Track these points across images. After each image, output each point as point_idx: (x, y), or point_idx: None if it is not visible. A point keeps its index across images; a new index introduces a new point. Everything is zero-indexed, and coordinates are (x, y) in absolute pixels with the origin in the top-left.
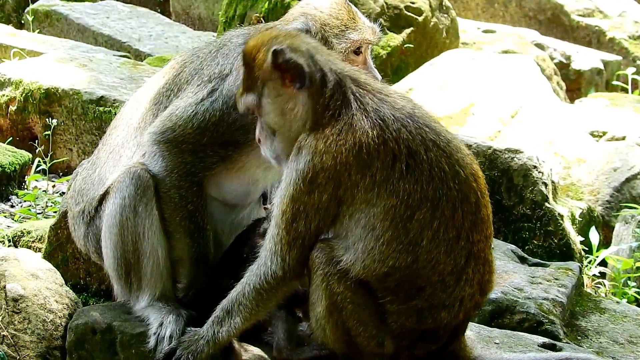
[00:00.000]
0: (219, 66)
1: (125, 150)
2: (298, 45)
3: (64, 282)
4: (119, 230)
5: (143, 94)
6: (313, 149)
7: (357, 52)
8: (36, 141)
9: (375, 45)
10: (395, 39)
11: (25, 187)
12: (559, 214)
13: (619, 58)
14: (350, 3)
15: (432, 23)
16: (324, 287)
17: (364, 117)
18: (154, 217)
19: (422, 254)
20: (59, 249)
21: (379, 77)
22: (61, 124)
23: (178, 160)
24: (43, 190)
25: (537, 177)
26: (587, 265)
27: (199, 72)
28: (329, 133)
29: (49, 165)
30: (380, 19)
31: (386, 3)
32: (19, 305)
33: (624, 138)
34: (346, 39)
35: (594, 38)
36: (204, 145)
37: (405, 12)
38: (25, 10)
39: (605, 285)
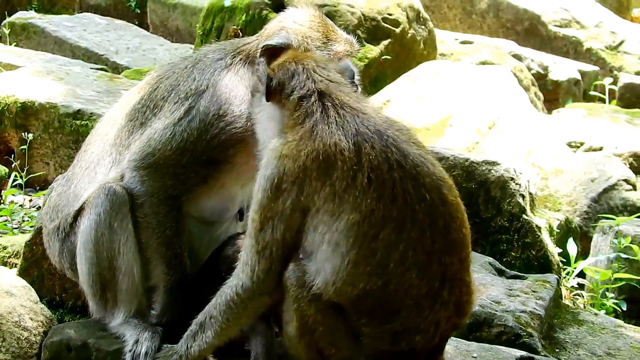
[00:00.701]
0: (195, 82)
1: (101, 167)
2: (287, 60)
3: (38, 299)
4: (94, 246)
5: (118, 110)
6: (277, 153)
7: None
8: (12, 155)
9: (354, 57)
10: (373, 51)
11: (2, 201)
12: (536, 225)
13: (596, 68)
14: (326, 17)
15: (409, 34)
16: (295, 308)
17: (325, 127)
18: (129, 233)
19: (393, 277)
20: (34, 265)
21: (360, 88)
22: (38, 138)
23: (158, 185)
24: (19, 205)
25: (514, 189)
26: (565, 277)
27: (175, 88)
28: (291, 139)
29: (25, 179)
30: (358, 31)
31: (364, 15)
32: None
33: (601, 148)
34: (328, 51)
35: (571, 48)
36: (185, 167)
37: (383, 23)
38: (2, 24)
39: (583, 297)
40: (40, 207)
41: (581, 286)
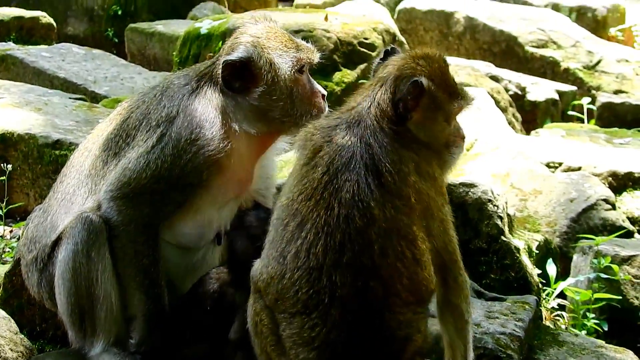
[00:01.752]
0: (165, 109)
1: (77, 197)
2: None
3: (18, 329)
4: (72, 276)
5: (92, 141)
6: None
7: (301, 70)
8: None
9: (315, 65)
10: (350, 75)
11: None
12: (515, 247)
13: (574, 88)
14: (281, 28)
15: None
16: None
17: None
18: (106, 262)
19: (288, 271)
20: (14, 296)
21: (324, 92)
22: (17, 169)
23: (135, 214)
24: (0, 236)
25: (492, 211)
26: (545, 298)
27: (146, 116)
28: None
29: (5, 210)
30: (334, 56)
31: (339, 39)
32: None
33: (580, 168)
34: (290, 58)
35: (548, 69)
36: (161, 194)
37: (359, 47)
38: None
39: (564, 318)
40: (20, 238)
41: (562, 307)
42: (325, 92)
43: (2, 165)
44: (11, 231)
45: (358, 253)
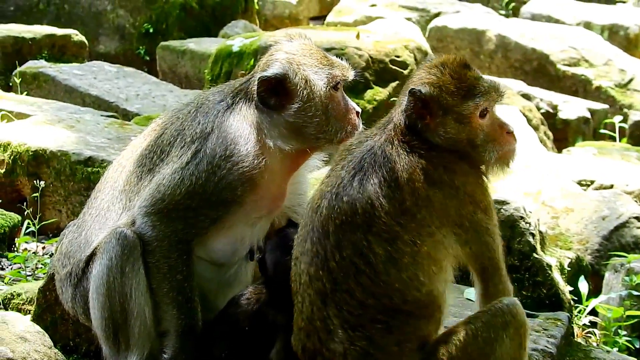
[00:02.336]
0: (200, 125)
1: (111, 213)
2: None
3: (52, 344)
4: (106, 291)
5: (126, 157)
6: None
7: (335, 87)
8: (25, 203)
9: (349, 82)
10: (381, 93)
11: (15, 249)
12: (547, 264)
13: (606, 106)
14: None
15: None
16: None
17: None
18: (140, 277)
19: (294, 271)
20: (48, 311)
21: (359, 109)
22: (50, 186)
23: (169, 230)
24: (33, 252)
25: (524, 228)
26: (577, 315)
27: (180, 133)
28: None
29: (38, 226)
30: (366, 74)
31: (371, 57)
32: None
33: (612, 186)
34: (325, 75)
35: (580, 87)
36: (195, 210)
37: (391, 65)
38: (13, 73)
39: (596, 335)
40: (53, 254)
41: (593, 324)
42: (359, 109)
43: (34, 182)
44: (44, 248)
45: (318, 239)
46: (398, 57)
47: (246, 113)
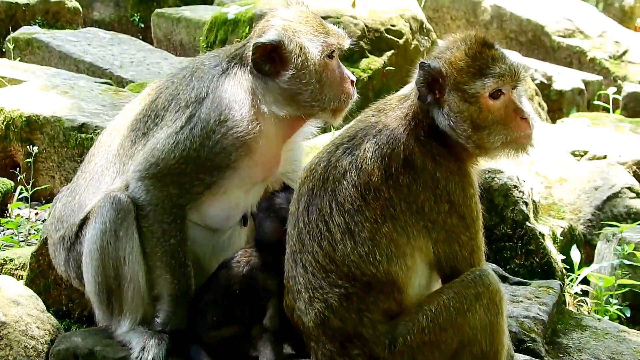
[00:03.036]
0: (194, 90)
1: (105, 177)
2: None
3: (45, 308)
4: (99, 255)
5: (120, 121)
6: None
7: (330, 56)
8: (18, 169)
9: (344, 50)
10: (376, 62)
11: (8, 215)
12: (539, 233)
13: (600, 78)
14: (314, 13)
15: (412, 46)
16: None
17: None
18: (134, 242)
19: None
20: (41, 276)
21: (354, 78)
22: (43, 152)
23: (163, 194)
24: (26, 218)
25: (517, 197)
26: (569, 284)
27: (175, 97)
28: None
29: (31, 192)
30: (361, 43)
31: (367, 26)
32: (0, 332)
33: (605, 157)
34: (321, 43)
35: (574, 59)
36: (189, 175)
37: (386, 35)
38: (6, 39)
39: (587, 303)
40: (45, 220)
41: (585, 293)
42: (354, 78)
43: (28, 148)
44: (37, 214)
45: (296, 200)
46: (393, 26)
47: (241, 78)
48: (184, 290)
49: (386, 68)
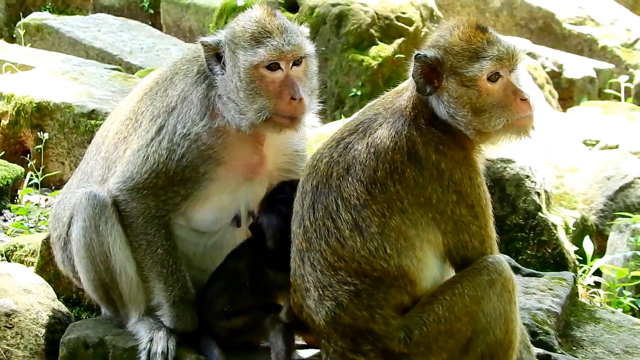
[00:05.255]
0: (167, 98)
1: (92, 179)
2: None
3: (56, 296)
4: (86, 252)
5: (111, 121)
6: None
7: (270, 67)
8: (28, 155)
9: (287, 61)
10: (386, 50)
11: (18, 201)
12: (552, 223)
13: (612, 66)
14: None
15: (423, 33)
16: None
17: None
18: (115, 233)
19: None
20: (51, 263)
21: (298, 96)
22: (53, 138)
23: (142, 207)
24: (35, 204)
25: (529, 187)
26: (581, 275)
27: (152, 102)
28: None
29: (41, 179)
30: (371, 30)
31: (377, 13)
32: (11, 320)
33: (617, 146)
34: (250, 53)
35: (585, 46)
36: (163, 188)
37: (396, 22)
38: (17, 25)
39: (600, 295)
40: None
41: (598, 284)
42: (298, 97)
43: (38, 134)
44: (46, 200)
45: (300, 197)
46: (404, 13)
47: (205, 87)
48: (181, 295)
49: (396, 55)
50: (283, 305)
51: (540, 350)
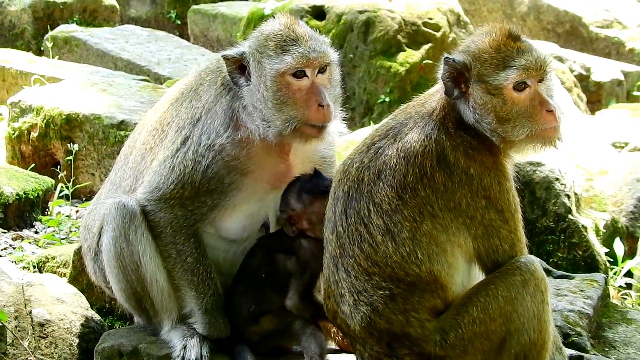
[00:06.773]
0: (192, 109)
1: (121, 189)
2: None
3: (89, 305)
4: (116, 262)
5: (138, 131)
6: None
7: (296, 75)
8: (58, 167)
9: (313, 68)
10: (414, 56)
11: (49, 212)
12: (582, 225)
13: (639, 69)
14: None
15: (450, 38)
16: None
17: None
18: (145, 242)
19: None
20: (83, 274)
21: (324, 102)
22: (83, 149)
23: (170, 217)
24: (66, 216)
25: (559, 190)
26: (612, 277)
27: (178, 113)
28: None
29: (71, 190)
30: (398, 37)
31: (404, 20)
32: (45, 330)
33: None
34: (277, 61)
35: (613, 49)
36: (190, 198)
37: (423, 28)
38: (45, 37)
39: (631, 296)
40: None
41: (629, 286)
42: (325, 103)
43: (68, 145)
44: (77, 211)
45: (333, 203)
46: (431, 19)
47: (229, 98)
48: (212, 302)
49: (424, 61)
50: (290, 291)
51: (573, 352)
